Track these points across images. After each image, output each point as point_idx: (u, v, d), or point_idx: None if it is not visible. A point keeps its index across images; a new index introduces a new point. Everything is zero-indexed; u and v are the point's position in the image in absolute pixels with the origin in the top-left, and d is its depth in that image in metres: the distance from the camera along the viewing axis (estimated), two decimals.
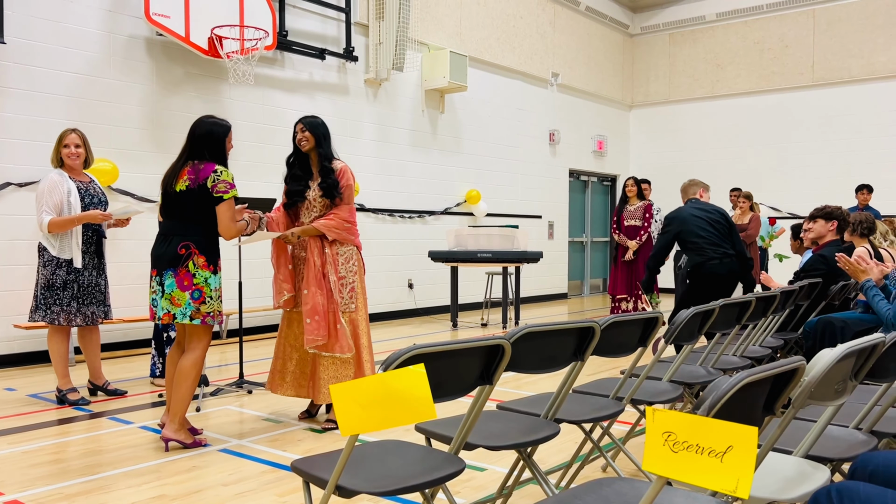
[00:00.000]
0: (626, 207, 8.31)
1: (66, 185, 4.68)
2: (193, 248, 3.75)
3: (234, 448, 3.85)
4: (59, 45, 6.39)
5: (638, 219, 8.18)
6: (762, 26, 12.74)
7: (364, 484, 1.96)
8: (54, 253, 4.68)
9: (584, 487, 1.91)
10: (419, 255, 9.80)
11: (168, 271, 3.72)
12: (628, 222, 8.26)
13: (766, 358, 4.18)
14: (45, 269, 4.71)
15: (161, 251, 3.76)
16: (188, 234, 3.76)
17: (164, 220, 3.84)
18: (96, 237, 4.86)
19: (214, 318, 3.81)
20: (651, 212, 8.27)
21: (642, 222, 8.21)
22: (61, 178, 4.69)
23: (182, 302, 3.71)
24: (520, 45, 11.52)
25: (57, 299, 4.68)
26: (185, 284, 3.71)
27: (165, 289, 3.72)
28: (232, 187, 3.79)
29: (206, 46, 6.99)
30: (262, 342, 7.52)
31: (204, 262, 3.77)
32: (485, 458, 3.64)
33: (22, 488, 3.24)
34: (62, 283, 4.69)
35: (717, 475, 1.39)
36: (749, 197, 8.86)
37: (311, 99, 8.47)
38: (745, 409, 1.68)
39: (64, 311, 4.70)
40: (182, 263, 3.72)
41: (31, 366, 6.20)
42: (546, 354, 2.42)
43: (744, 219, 8.74)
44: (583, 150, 13.13)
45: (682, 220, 5.36)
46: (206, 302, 3.76)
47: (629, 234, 8.22)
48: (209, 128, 3.84)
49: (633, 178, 8.33)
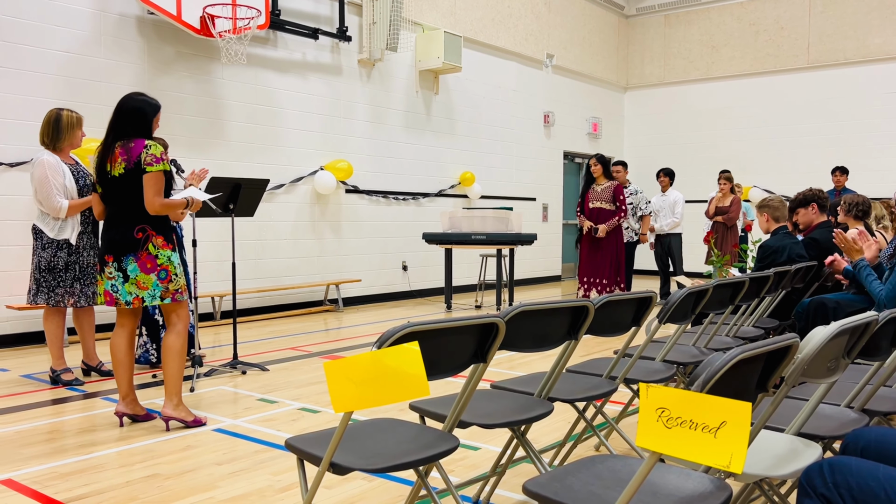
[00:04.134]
0: (593, 188, 7.75)
1: (61, 168, 4.65)
2: (150, 229, 3.71)
3: (228, 428, 3.86)
4: (48, 22, 6.31)
5: (606, 201, 7.61)
6: (757, 8, 12.68)
7: (358, 461, 1.97)
8: (52, 235, 4.65)
9: (577, 464, 1.91)
10: (413, 237, 9.78)
11: (129, 256, 3.67)
12: (594, 204, 7.68)
13: (760, 339, 4.20)
14: (44, 251, 4.68)
15: (116, 237, 3.68)
16: (140, 217, 3.69)
17: (108, 206, 3.74)
18: (92, 217, 4.83)
19: (183, 293, 3.80)
20: (623, 193, 7.71)
21: (613, 205, 7.63)
22: (57, 161, 4.66)
23: (149, 284, 3.69)
24: (514, 26, 11.44)
25: (60, 281, 4.67)
26: (148, 267, 3.69)
27: (129, 274, 3.67)
28: (159, 161, 3.66)
29: (197, 25, 6.92)
30: (256, 323, 7.51)
31: (163, 242, 3.74)
32: (478, 436, 3.66)
33: (16, 467, 3.24)
34: (64, 265, 4.68)
35: (710, 451, 1.40)
36: (729, 179, 8.89)
37: (303, 79, 8.40)
38: (738, 386, 1.69)
39: (67, 292, 4.69)
40: (142, 247, 3.68)
41: (24, 346, 6.18)
42: (540, 333, 2.42)
43: (725, 201, 8.76)
44: (577, 132, 13.09)
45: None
46: (173, 280, 3.75)
47: (594, 216, 7.70)
48: (139, 104, 3.75)
49: (597, 157, 7.78)
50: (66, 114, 4.71)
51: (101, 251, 3.77)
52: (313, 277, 8.58)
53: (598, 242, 7.65)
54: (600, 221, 7.64)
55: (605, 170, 7.69)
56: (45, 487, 3.00)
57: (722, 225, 8.76)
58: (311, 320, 7.84)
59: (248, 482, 3.07)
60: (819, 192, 5.07)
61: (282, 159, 8.19)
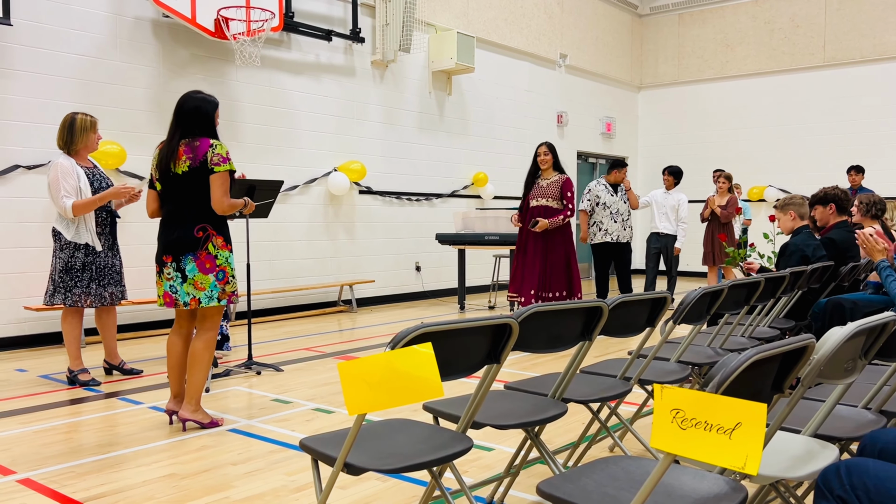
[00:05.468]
0: (538, 182, 6.49)
1: (76, 171, 4.70)
2: (210, 229, 3.71)
3: (243, 428, 3.88)
4: (65, 26, 6.37)
5: (552, 198, 6.39)
6: (772, 6, 12.59)
7: (372, 461, 1.97)
8: (69, 237, 4.70)
9: (591, 465, 1.91)
10: (426, 238, 9.79)
11: (188, 256, 3.67)
12: (537, 201, 6.44)
13: (775, 339, 4.17)
14: (62, 252, 4.73)
15: (175, 236, 3.67)
16: (201, 216, 3.69)
17: (168, 205, 3.74)
18: (110, 218, 4.88)
19: (237, 295, 3.83)
20: (572, 190, 6.45)
21: (560, 202, 6.39)
22: (72, 164, 4.71)
23: (206, 285, 3.70)
24: (527, 26, 11.43)
25: (77, 282, 4.72)
26: (207, 267, 3.69)
27: (188, 274, 3.67)
28: (226, 161, 3.68)
29: (212, 28, 6.96)
30: (270, 324, 7.55)
31: (222, 243, 3.76)
32: (492, 437, 3.65)
33: (34, 467, 3.28)
34: (81, 266, 4.73)
35: (725, 452, 1.39)
36: (729, 178, 8.79)
37: (316, 80, 8.44)
38: (753, 387, 1.68)
39: (84, 292, 4.74)
40: (202, 246, 3.69)
41: (41, 347, 6.25)
42: (554, 334, 2.42)
43: (722, 199, 8.68)
44: (591, 132, 13.05)
45: None
46: (230, 281, 3.78)
47: (538, 216, 6.42)
48: (198, 103, 3.76)
49: (547, 144, 6.55)
50: (80, 117, 4.76)
51: (158, 252, 3.75)
52: (327, 278, 8.61)
53: (545, 247, 6.35)
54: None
55: (556, 161, 6.52)
56: (63, 487, 3.03)
57: (717, 224, 8.64)
58: (325, 321, 7.87)
59: (263, 482, 3.09)
60: (841, 193, 5.01)
61: (295, 161, 8.22)
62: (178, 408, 3.90)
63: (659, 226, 8.76)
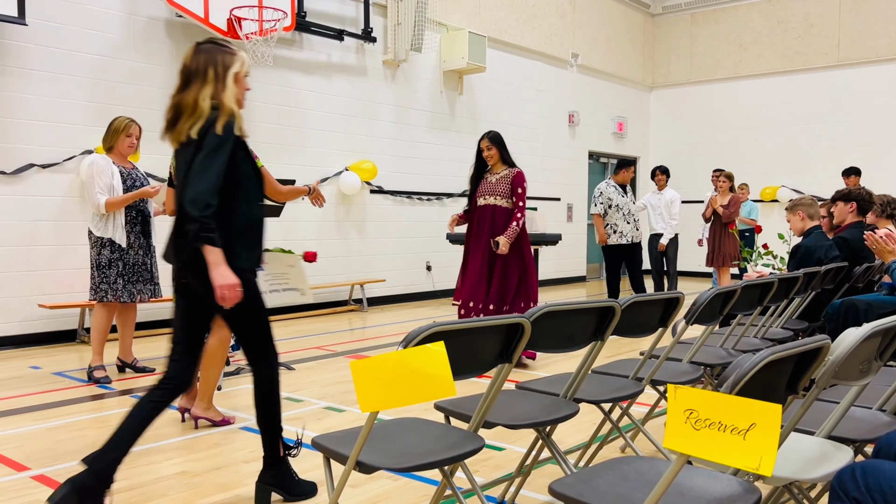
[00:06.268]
0: (486, 178, 5.51)
1: (111, 169, 4.79)
2: None
3: (255, 426, 3.88)
4: (80, 26, 6.42)
5: (500, 195, 5.36)
6: (786, 5, 12.51)
7: (384, 460, 1.97)
8: (98, 234, 4.80)
9: (603, 466, 1.91)
10: (437, 238, 9.79)
11: None
12: (484, 199, 5.42)
13: (788, 340, 4.14)
14: (92, 249, 4.85)
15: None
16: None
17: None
18: (141, 217, 4.94)
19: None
20: (524, 185, 5.39)
21: (509, 200, 5.36)
22: (107, 162, 4.81)
23: None
24: (539, 26, 11.41)
25: (104, 277, 4.80)
26: None
27: None
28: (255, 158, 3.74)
29: (224, 28, 6.99)
30: (281, 323, 7.57)
31: None
32: (503, 437, 3.65)
33: (48, 463, 3.30)
34: (108, 262, 4.80)
35: (739, 453, 1.38)
36: (730, 177, 8.74)
37: (328, 80, 8.45)
38: (768, 387, 1.67)
39: (111, 288, 4.81)
40: None
41: (55, 345, 6.29)
42: (566, 333, 2.42)
43: (724, 199, 8.63)
44: (603, 132, 13.01)
45: None
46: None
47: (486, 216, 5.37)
48: None
49: (489, 136, 5.52)
50: (117, 120, 4.90)
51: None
52: (338, 277, 8.63)
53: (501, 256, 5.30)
54: (496, 223, 5.34)
55: (503, 153, 5.50)
56: None
57: (720, 224, 8.59)
58: (336, 320, 7.89)
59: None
60: (866, 193, 4.96)
61: (307, 160, 8.24)
62: (190, 405, 3.92)
63: (656, 227, 8.79)
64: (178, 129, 2.73)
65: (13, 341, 6.12)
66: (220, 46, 2.83)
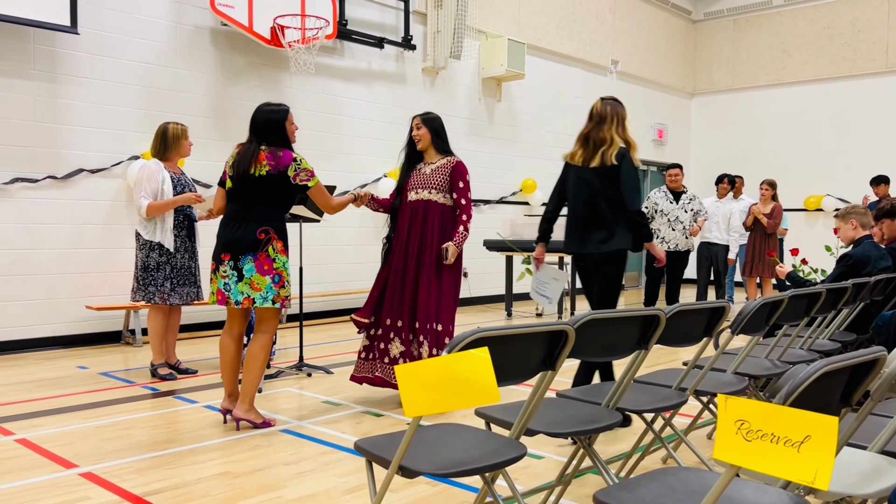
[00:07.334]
0: (418, 168, 4.49)
1: (161, 174, 4.92)
2: (272, 232, 3.79)
3: (294, 429, 3.93)
4: (128, 35, 6.58)
5: (436, 189, 4.35)
6: (832, 11, 12.26)
7: (426, 465, 1.98)
8: (146, 237, 4.92)
9: (648, 476, 1.88)
10: (474, 244, 9.77)
11: (247, 256, 3.75)
12: (416, 193, 4.40)
13: (836, 352, 4.04)
14: (140, 252, 4.96)
15: (236, 235, 3.76)
16: (266, 219, 3.79)
17: (235, 204, 3.83)
18: (187, 222, 5.05)
19: (290, 301, 3.89)
20: (465, 178, 4.39)
21: (447, 195, 4.37)
22: (158, 168, 4.93)
23: (263, 286, 3.77)
24: (579, 33, 11.36)
25: (152, 280, 4.92)
26: (265, 269, 3.77)
27: (245, 273, 3.75)
28: (313, 174, 3.87)
29: (268, 36, 7.10)
30: (320, 327, 7.64)
31: (282, 247, 3.83)
32: (542, 445, 3.63)
33: (96, 461, 3.38)
34: (156, 265, 4.92)
35: (793, 465, 1.35)
36: (772, 185, 8.56)
37: (369, 87, 8.53)
38: (821, 399, 1.63)
39: (158, 290, 4.93)
40: (262, 248, 3.76)
41: (101, 345, 6.44)
42: (610, 342, 2.39)
43: (766, 207, 8.45)
44: (642, 139, 12.87)
45: None
46: (285, 286, 3.84)
47: (419, 212, 4.36)
48: (266, 116, 3.86)
49: (421, 116, 4.52)
50: (171, 126, 5.02)
51: (216, 250, 3.84)
52: None
53: (432, 267, 4.32)
54: (429, 223, 4.35)
55: (438, 139, 4.49)
56: (123, 481, 3.12)
57: (761, 233, 8.41)
58: None
59: (316, 482, 3.12)
60: None
61: (346, 166, 8.32)
62: (232, 406, 3.97)
63: (709, 235, 8.62)
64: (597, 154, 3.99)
65: (62, 341, 6.28)
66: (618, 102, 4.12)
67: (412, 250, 4.36)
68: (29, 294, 6.12)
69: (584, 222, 4.02)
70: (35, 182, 6.10)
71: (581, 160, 4.01)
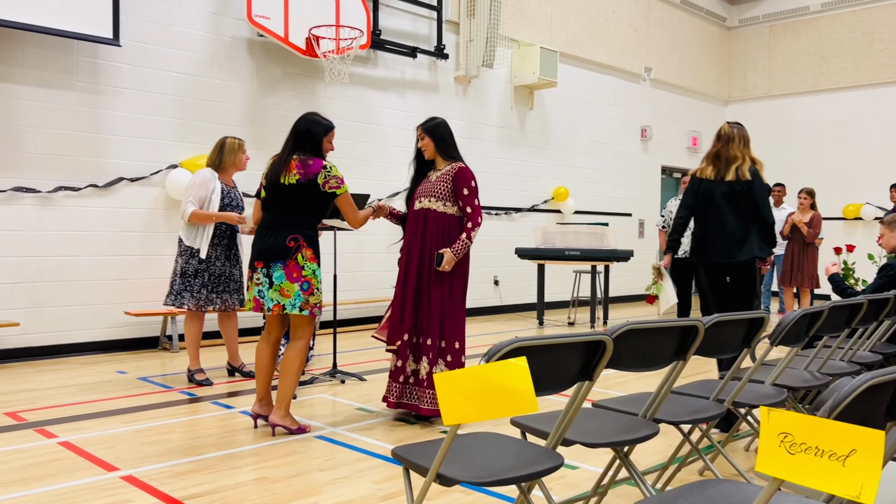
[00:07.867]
0: (427, 177, 4.29)
1: (213, 184, 5.02)
2: (302, 240, 3.84)
3: (328, 435, 3.97)
4: (168, 46, 6.73)
5: (438, 197, 4.17)
6: (872, 16, 12.04)
7: (464, 473, 1.98)
8: (187, 243, 5.03)
9: (687, 488, 1.87)
10: (506, 252, 9.78)
11: (277, 263, 3.81)
12: (420, 202, 4.24)
13: (877, 364, 3.96)
14: (181, 257, 5.06)
15: (268, 243, 3.83)
16: (296, 227, 3.84)
17: (268, 213, 3.92)
18: (230, 231, 5.15)
19: (320, 308, 3.93)
20: (470, 184, 4.15)
21: (451, 204, 4.16)
22: (212, 177, 5.04)
23: (291, 293, 3.82)
24: (611, 40, 11.32)
25: (188, 286, 5.01)
26: (294, 276, 3.82)
27: (274, 280, 3.82)
28: (342, 182, 3.90)
29: (303, 46, 7.20)
30: (353, 334, 7.69)
31: (311, 255, 3.88)
32: (577, 456, 3.61)
33: (136, 465, 3.44)
34: (194, 272, 5.02)
35: (838, 479, 1.34)
36: (811, 193, 8.41)
37: (402, 97, 8.59)
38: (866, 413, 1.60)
39: (193, 297, 5.01)
40: (291, 256, 3.82)
41: (140, 351, 6.56)
42: (647, 352, 2.38)
43: (804, 216, 8.30)
44: (676, 147, 12.78)
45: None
46: (315, 293, 3.88)
47: (420, 223, 4.21)
48: (308, 125, 3.93)
49: (427, 124, 4.27)
50: (230, 140, 5.15)
51: (251, 258, 3.92)
52: None
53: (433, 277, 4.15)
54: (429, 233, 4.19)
55: (442, 146, 4.23)
56: (163, 485, 3.17)
57: (799, 242, 8.26)
58: None
59: (351, 489, 3.15)
60: None
61: (379, 174, 8.38)
62: (263, 411, 4.02)
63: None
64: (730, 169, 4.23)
65: (102, 346, 6.42)
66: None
67: (413, 262, 4.23)
68: (71, 300, 6.26)
69: (722, 233, 4.24)
70: (77, 190, 6.25)
71: (713, 175, 4.27)
